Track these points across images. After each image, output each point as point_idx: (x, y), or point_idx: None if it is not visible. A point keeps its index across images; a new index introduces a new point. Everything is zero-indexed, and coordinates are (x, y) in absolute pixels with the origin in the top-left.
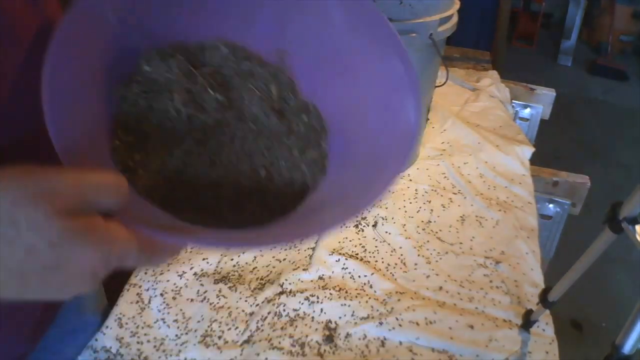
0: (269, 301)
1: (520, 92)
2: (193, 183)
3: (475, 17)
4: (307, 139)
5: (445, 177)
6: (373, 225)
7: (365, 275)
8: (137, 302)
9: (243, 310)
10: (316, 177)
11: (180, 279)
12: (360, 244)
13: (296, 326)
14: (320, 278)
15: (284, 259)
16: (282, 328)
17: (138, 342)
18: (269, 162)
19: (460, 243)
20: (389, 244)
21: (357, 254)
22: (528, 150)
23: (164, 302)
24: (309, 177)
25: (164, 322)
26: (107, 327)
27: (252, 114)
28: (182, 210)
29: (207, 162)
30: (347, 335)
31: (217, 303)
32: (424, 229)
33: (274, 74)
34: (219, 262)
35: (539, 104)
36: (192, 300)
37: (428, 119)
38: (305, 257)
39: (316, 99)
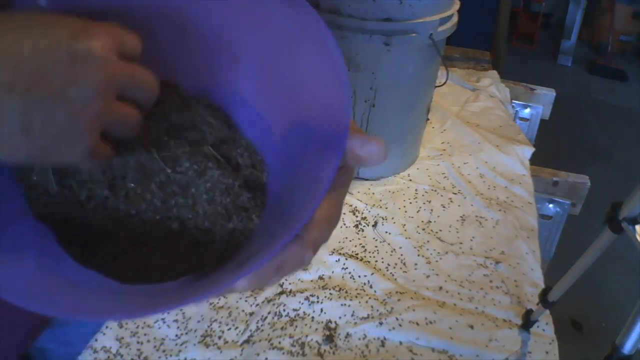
0: (269, 301)
1: (520, 92)
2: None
3: (475, 17)
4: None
5: (445, 177)
6: (373, 225)
7: (365, 275)
8: None
9: (243, 310)
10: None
11: None
12: (360, 244)
13: (296, 326)
14: (320, 278)
15: None
16: (282, 328)
17: (138, 342)
18: (186, 218)
19: (460, 243)
20: (389, 244)
21: (357, 254)
22: (528, 150)
23: None
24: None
25: (164, 322)
26: (107, 327)
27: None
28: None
29: (109, 194)
30: (347, 335)
31: (217, 303)
32: (424, 229)
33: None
34: None
35: (539, 104)
36: None
37: (428, 119)
38: None
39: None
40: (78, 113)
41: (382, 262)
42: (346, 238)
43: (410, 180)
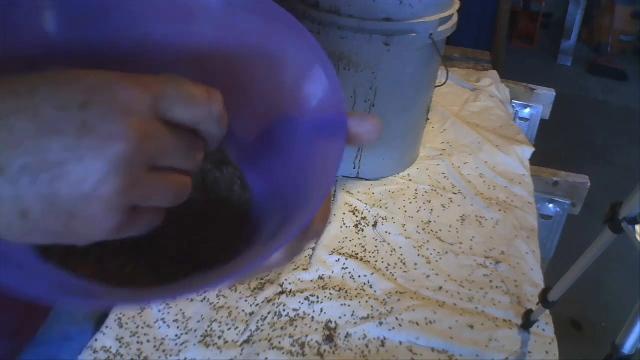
0: (269, 301)
1: (520, 92)
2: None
3: (475, 17)
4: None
5: (445, 177)
6: (373, 225)
7: (365, 275)
8: None
9: (243, 310)
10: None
11: None
12: (360, 244)
13: (296, 326)
14: (320, 278)
15: None
16: (282, 328)
17: (138, 342)
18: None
19: (460, 243)
20: (389, 244)
21: (357, 254)
22: (528, 150)
23: (163, 301)
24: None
25: (164, 322)
26: (107, 327)
27: None
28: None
29: None
30: (347, 335)
31: (217, 303)
32: (424, 229)
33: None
34: None
35: (539, 104)
36: (192, 300)
37: (428, 119)
38: (305, 257)
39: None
40: (88, 195)
41: (382, 262)
42: (346, 238)
43: (410, 180)
